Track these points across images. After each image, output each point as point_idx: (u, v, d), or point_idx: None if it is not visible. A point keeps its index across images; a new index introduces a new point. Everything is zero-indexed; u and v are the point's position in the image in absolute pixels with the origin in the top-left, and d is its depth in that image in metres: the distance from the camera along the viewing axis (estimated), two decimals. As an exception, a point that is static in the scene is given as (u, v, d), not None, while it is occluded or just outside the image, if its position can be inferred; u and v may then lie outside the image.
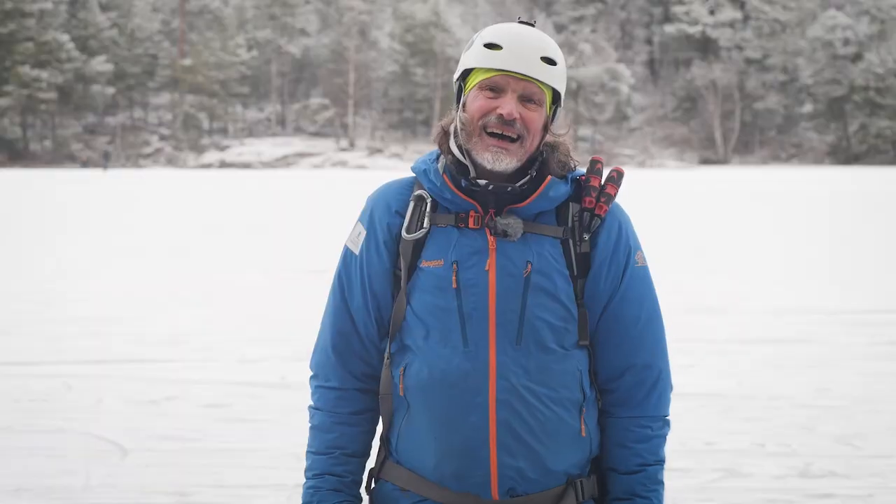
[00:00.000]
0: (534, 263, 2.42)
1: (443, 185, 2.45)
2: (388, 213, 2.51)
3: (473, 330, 2.41)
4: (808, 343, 10.34)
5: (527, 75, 2.40)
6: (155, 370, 8.99)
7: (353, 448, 2.55)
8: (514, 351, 2.41)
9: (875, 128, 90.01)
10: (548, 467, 2.44)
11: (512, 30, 2.44)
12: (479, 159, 2.42)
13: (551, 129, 2.49)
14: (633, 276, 2.51)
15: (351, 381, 2.55)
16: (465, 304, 2.41)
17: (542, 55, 2.41)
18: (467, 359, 2.41)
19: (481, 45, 2.43)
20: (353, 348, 2.54)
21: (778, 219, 29.02)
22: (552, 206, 2.46)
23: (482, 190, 2.43)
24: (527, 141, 2.42)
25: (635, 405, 2.51)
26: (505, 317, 2.41)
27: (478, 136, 2.42)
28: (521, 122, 2.40)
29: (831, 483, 5.88)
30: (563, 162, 2.50)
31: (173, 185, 54.27)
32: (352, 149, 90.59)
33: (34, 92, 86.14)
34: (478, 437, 2.41)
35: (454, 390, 2.42)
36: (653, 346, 2.53)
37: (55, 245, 21.25)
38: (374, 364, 2.54)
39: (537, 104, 2.42)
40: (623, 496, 2.51)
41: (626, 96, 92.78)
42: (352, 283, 2.54)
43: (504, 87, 2.41)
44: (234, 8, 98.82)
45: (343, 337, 2.55)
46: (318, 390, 2.58)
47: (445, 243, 2.44)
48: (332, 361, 2.56)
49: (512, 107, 2.39)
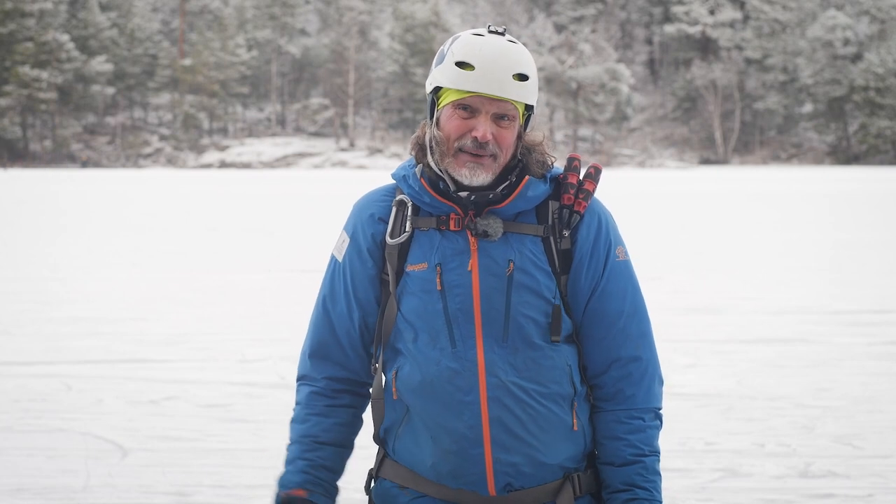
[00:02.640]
0: (515, 262, 2.46)
1: (421, 190, 2.48)
2: (371, 222, 2.55)
3: (460, 330, 2.46)
4: (808, 343, 10.34)
5: (500, 97, 2.42)
6: (155, 370, 8.99)
7: (326, 437, 2.58)
8: (501, 348, 2.45)
9: (875, 128, 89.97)
10: (542, 461, 2.47)
11: (484, 47, 2.43)
12: (456, 176, 2.46)
13: (524, 136, 2.52)
14: (613, 271, 2.54)
15: (329, 383, 2.60)
16: (451, 304, 2.46)
17: (515, 72, 2.43)
18: (456, 359, 2.45)
19: (452, 63, 2.44)
20: (333, 356, 2.59)
21: (778, 219, 29.01)
22: (531, 206, 2.49)
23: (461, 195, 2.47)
24: (501, 156, 2.46)
25: (624, 399, 2.54)
26: (490, 315, 2.45)
27: (452, 157, 2.45)
28: (494, 142, 2.43)
29: (831, 483, 5.88)
30: (542, 161, 2.52)
31: (173, 185, 54.26)
32: (352, 149, 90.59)
33: (34, 92, 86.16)
34: (472, 435, 2.44)
35: (445, 391, 2.45)
36: (638, 339, 2.55)
37: (55, 245, 21.24)
38: (355, 369, 2.60)
39: (510, 120, 2.45)
40: (622, 487, 2.52)
41: (626, 96, 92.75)
42: (335, 290, 2.59)
43: (478, 108, 2.43)
44: (234, 8, 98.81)
45: (322, 345, 2.60)
46: (299, 389, 2.64)
47: (428, 246, 2.49)
48: (309, 366, 2.62)
49: (485, 129, 2.42)
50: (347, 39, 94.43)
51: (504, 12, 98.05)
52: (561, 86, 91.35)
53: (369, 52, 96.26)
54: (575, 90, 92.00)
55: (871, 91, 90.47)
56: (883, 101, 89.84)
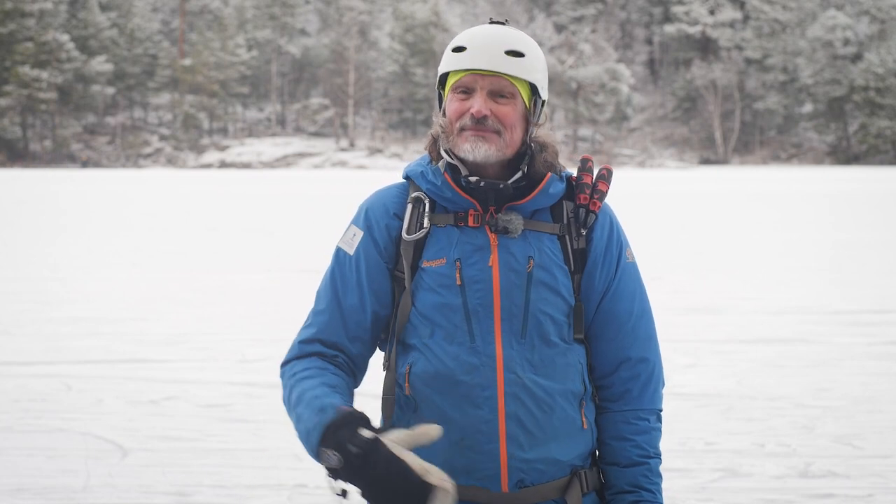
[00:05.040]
0: (535, 259, 2.48)
1: (444, 184, 2.49)
2: (385, 216, 2.55)
3: (480, 325, 2.46)
4: (808, 343, 10.34)
5: (491, 70, 2.44)
6: (155, 370, 8.99)
7: (343, 389, 2.43)
8: (520, 345, 2.46)
9: (875, 128, 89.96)
10: (555, 458, 2.48)
11: (479, 31, 2.50)
12: (460, 153, 2.47)
13: (533, 121, 2.51)
14: (625, 272, 2.58)
15: (331, 367, 2.49)
16: (471, 300, 2.46)
17: (507, 49, 2.45)
18: (474, 354, 2.45)
19: (450, 50, 2.50)
20: (338, 347, 2.54)
21: (778, 219, 29.01)
22: (550, 203, 2.51)
23: (481, 188, 2.47)
24: (506, 134, 2.46)
25: (632, 399, 2.56)
26: (510, 311, 2.46)
27: (456, 135, 2.47)
28: (493, 117, 2.45)
29: (831, 483, 5.88)
30: (550, 163, 2.53)
31: (173, 185, 54.26)
32: (352, 149, 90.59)
33: (34, 92, 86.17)
34: (488, 430, 2.44)
35: (463, 386, 2.45)
36: (645, 340, 2.59)
37: (55, 245, 21.25)
38: (356, 360, 2.54)
39: (509, 97, 2.46)
40: (628, 489, 2.54)
41: (626, 96, 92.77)
42: (347, 282, 2.55)
43: (473, 86, 2.46)
44: (234, 8, 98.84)
45: (330, 334, 2.53)
46: (289, 369, 2.50)
47: (446, 242, 2.49)
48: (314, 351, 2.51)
49: (480, 104, 2.44)
50: (347, 39, 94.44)
51: (504, 12, 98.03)
52: (561, 86, 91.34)
53: (369, 52, 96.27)
54: (575, 90, 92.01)
55: (871, 91, 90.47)
56: (883, 101, 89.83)
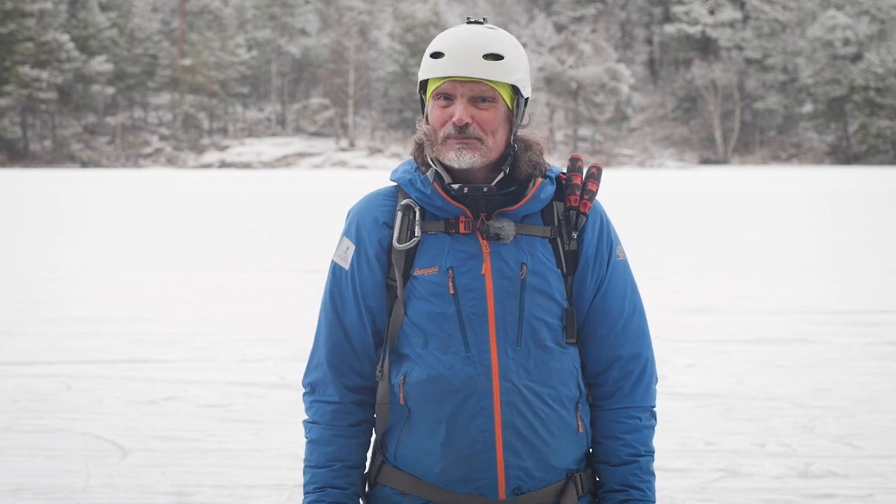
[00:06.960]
0: (528, 265, 2.46)
1: (433, 193, 2.47)
2: (376, 227, 2.53)
3: (474, 334, 2.45)
4: (808, 343, 10.34)
5: (470, 77, 2.42)
6: (155, 370, 8.99)
7: (353, 460, 2.56)
8: (515, 352, 2.45)
9: (875, 128, 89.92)
10: (552, 464, 2.48)
11: (456, 34, 2.46)
12: (445, 161, 2.45)
13: (517, 122, 2.50)
14: (615, 270, 2.57)
15: (348, 394, 2.56)
16: (464, 308, 2.45)
17: (485, 53, 2.42)
18: (469, 363, 2.44)
19: (428, 55, 2.47)
20: (349, 363, 2.56)
21: (778, 219, 29.00)
22: (541, 208, 2.50)
23: (472, 195, 2.46)
24: (488, 139, 2.44)
25: (623, 396, 2.56)
26: (504, 319, 2.45)
27: (440, 144, 2.45)
28: (475, 124, 2.43)
29: (831, 483, 5.88)
30: (535, 162, 2.51)
31: (173, 185, 54.25)
32: (352, 149, 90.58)
33: (34, 92, 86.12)
34: (484, 439, 2.44)
35: (458, 395, 2.45)
36: (637, 336, 2.58)
37: (55, 245, 21.24)
38: (370, 376, 2.57)
39: (490, 101, 2.44)
40: (617, 487, 2.54)
41: (626, 96, 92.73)
42: (344, 298, 2.56)
43: (454, 93, 2.44)
44: (234, 8, 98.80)
45: (338, 353, 2.56)
46: (314, 405, 2.59)
47: (437, 250, 2.47)
48: (328, 377, 2.57)
49: (461, 112, 2.42)
50: (347, 39, 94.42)
51: (504, 12, 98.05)
52: (561, 86, 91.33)
53: (369, 52, 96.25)
54: (575, 90, 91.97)
55: (871, 91, 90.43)
56: (883, 101, 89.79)
